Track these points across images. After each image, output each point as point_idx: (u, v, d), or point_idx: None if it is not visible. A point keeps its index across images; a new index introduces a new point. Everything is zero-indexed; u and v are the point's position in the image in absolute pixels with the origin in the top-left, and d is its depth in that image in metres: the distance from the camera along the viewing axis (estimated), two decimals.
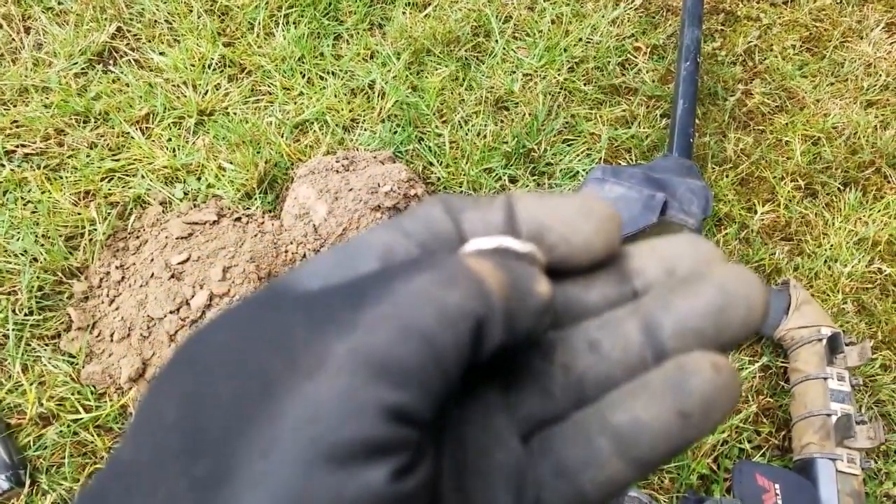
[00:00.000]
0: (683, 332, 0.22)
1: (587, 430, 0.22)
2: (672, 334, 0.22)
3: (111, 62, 1.38)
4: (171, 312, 1.05)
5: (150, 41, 1.40)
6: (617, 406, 0.21)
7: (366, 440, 0.17)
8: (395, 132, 1.31)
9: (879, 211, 1.33)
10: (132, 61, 1.38)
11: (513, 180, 1.28)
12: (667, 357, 0.22)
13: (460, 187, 1.26)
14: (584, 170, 1.30)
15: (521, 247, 0.22)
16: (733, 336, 0.22)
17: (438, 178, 1.27)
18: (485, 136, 1.31)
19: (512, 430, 0.23)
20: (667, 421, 0.21)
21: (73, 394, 1.02)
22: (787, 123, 1.42)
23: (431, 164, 1.28)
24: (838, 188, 1.35)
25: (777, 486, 0.83)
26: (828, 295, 1.21)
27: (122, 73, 1.35)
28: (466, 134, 1.32)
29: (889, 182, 1.38)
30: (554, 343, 0.23)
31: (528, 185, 1.27)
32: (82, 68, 1.35)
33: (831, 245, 1.27)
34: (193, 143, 1.28)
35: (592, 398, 0.22)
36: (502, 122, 1.35)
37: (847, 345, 0.98)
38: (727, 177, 1.32)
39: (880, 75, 1.51)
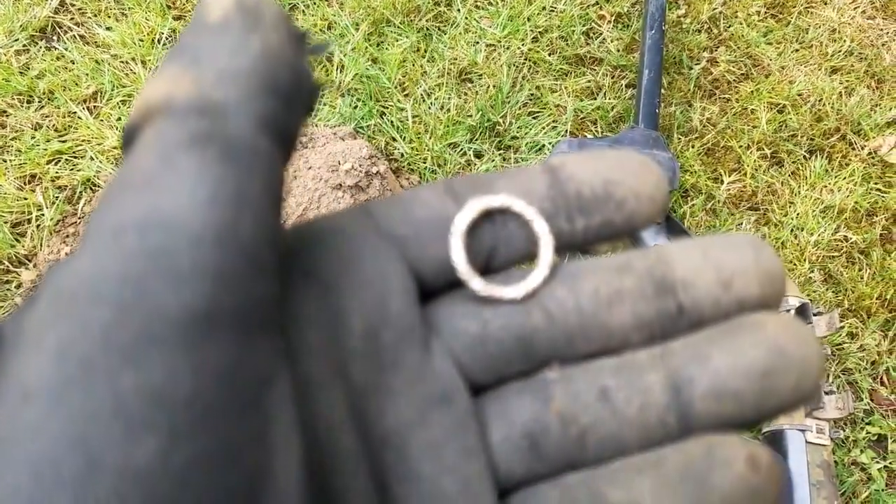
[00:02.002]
0: (719, 394, 0.18)
1: (577, 501, 0.18)
2: (705, 394, 0.18)
3: (54, 38, 1.31)
4: None
5: (95, 15, 1.33)
6: (620, 482, 0.18)
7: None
8: (356, 107, 1.27)
9: (845, 178, 1.32)
10: (77, 37, 1.31)
11: (478, 155, 1.25)
12: (693, 428, 0.18)
13: (424, 163, 1.23)
14: (550, 143, 1.27)
15: (526, 210, 0.20)
16: (779, 405, 0.18)
17: (402, 154, 1.24)
18: (448, 110, 1.28)
19: (485, 480, 0.18)
20: None
21: None
22: (752, 91, 1.40)
23: (394, 139, 1.25)
24: (804, 156, 1.35)
25: None
26: (794, 264, 1.21)
27: (66, 49, 1.28)
28: (430, 108, 1.28)
29: (854, 149, 1.38)
30: (555, 384, 0.19)
31: (494, 161, 1.24)
32: (24, 45, 1.28)
33: (798, 214, 1.27)
34: None
35: (592, 461, 0.18)
36: (466, 94, 1.32)
37: (815, 314, 0.97)
38: (693, 147, 1.31)
39: (844, 41, 1.50)
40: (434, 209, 0.20)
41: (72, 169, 1.17)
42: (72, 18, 1.33)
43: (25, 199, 1.12)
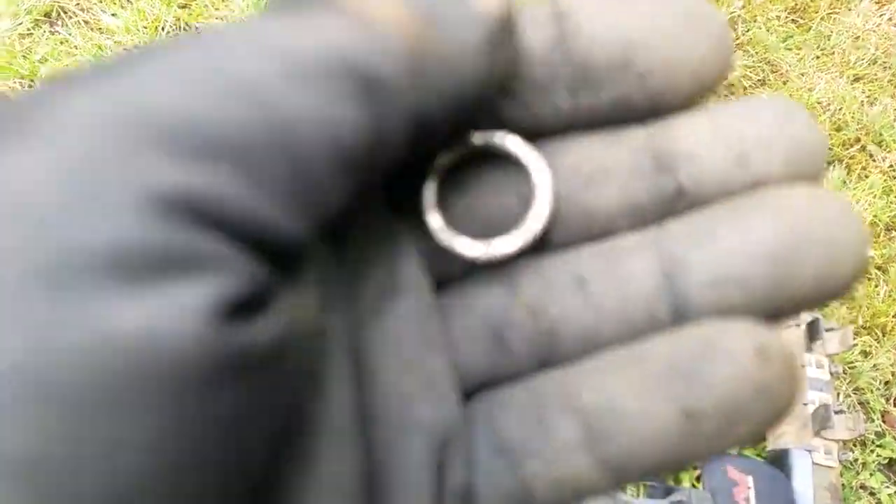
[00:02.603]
0: (721, 281, 0.15)
1: (547, 403, 0.15)
2: (704, 281, 0.15)
3: (59, 23, 1.30)
4: None
5: (100, 1, 1.32)
6: (595, 379, 0.15)
7: (124, 247, 0.10)
8: None
9: (864, 190, 1.28)
10: (81, 22, 1.29)
11: None
12: (689, 318, 0.15)
13: None
14: None
15: (525, 154, 0.17)
16: (797, 299, 0.14)
17: None
18: None
19: (447, 378, 0.16)
20: (664, 420, 0.14)
21: None
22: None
23: None
24: None
25: (750, 478, 0.79)
26: None
27: (70, 34, 1.27)
28: None
29: (874, 161, 1.33)
30: (524, 274, 0.16)
31: None
32: (28, 29, 1.27)
33: None
34: None
35: (564, 358, 0.16)
36: None
37: (827, 331, 0.93)
38: None
39: (868, 48, 1.46)
40: None
41: None
42: (77, 4, 1.31)
43: None
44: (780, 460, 0.85)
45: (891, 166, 1.32)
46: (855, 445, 0.99)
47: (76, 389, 0.09)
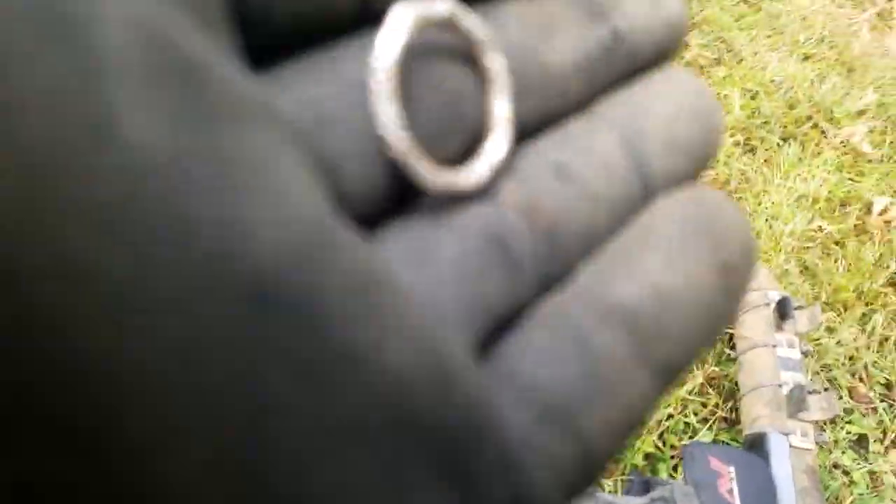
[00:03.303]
0: (672, 145, 0.15)
1: (572, 319, 0.13)
2: (658, 148, 0.15)
3: None
4: None
5: None
6: (618, 271, 0.13)
7: None
8: None
9: (818, 167, 1.28)
10: None
11: None
12: (652, 192, 0.15)
13: None
14: None
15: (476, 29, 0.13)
16: (712, 152, 0.16)
17: None
18: None
19: (463, 325, 0.12)
20: (705, 284, 0.13)
21: None
22: (725, 77, 1.36)
23: None
24: (777, 143, 1.30)
25: (731, 468, 0.77)
26: (770, 255, 1.16)
27: None
28: None
29: (826, 137, 1.34)
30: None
31: None
32: None
33: (772, 202, 1.22)
34: None
35: (568, 264, 0.14)
36: None
37: (796, 309, 0.92)
38: None
39: (816, 28, 1.47)
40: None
41: None
42: None
43: None
44: (757, 445, 0.84)
45: (842, 142, 1.33)
46: (825, 424, 0.98)
47: None
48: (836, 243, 1.20)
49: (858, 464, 0.96)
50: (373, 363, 0.09)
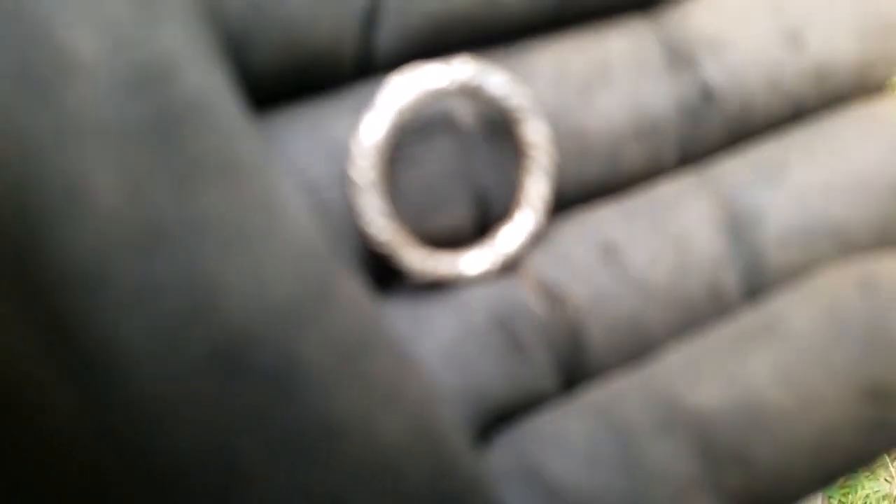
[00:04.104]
0: (811, 234, 0.11)
1: (622, 413, 0.11)
2: (785, 237, 0.11)
3: None
4: None
5: None
6: (700, 370, 0.10)
7: None
8: None
9: None
10: None
11: None
12: (764, 287, 0.11)
13: None
14: None
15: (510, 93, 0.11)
16: None
17: None
18: None
19: (456, 408, 0.11)
20: (838, 406, 0.10)
21: None
22: None
23: None
24: None
25: None
26: None
27: None
28: None
29: None
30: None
31: None
32: None
33: None
34: None
35: (594, 367, 0.12)
36: None
37: None
38: None
39: None
40: None
41: None
42: None
43: None
44: None
45: None
46: None
47: None
48: None
49: None
50: (359, 435, 0.08)
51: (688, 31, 0.12)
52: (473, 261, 0.11)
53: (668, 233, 0.11)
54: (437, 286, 0.11)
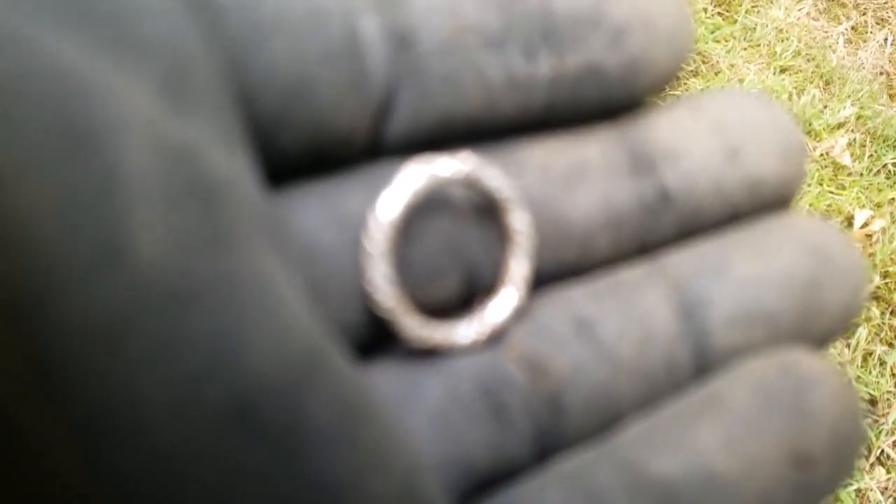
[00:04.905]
0: (746, 318, 0.13)
1: (594, 484, 0.11)
2: (727, 320, 0.13)
3: None
4: None
5: None
6: (661, 441, 0.12)
7: None
8: None
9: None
10: None
11: None
12: (710, 363, 0.13)
13: None
14: None
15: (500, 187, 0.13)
16: (825, 331, 0.13)
17: None
18: None
19: (439, 473, 0.12)
20: (772, 474, 0.11)
21: None
22: (702, 88, 1.35)
23: None
24: None
25: None
26: None
27: None
28: None
29: (805, 150, 1.33)
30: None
31: None
32: None
33: None
34: None
35: (570, 435, 0.12)
36: None
37: None
38: None
39: (792, 41, 1.47)
40: None
41: None
42: None
43: None
44: None
45: (821, 155, 1.32)
46: None
47: None
48: None
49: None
50: (352, 495, 0.09)
51: (650, 142, 0.14)
52: (464, 331, 0.13)
53: (632, 312, 0.13)
54: (428, 353, 0.12)
